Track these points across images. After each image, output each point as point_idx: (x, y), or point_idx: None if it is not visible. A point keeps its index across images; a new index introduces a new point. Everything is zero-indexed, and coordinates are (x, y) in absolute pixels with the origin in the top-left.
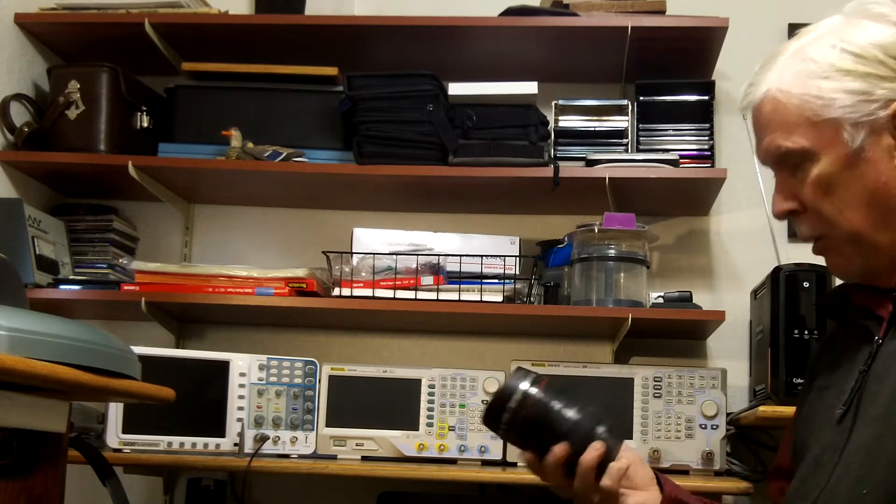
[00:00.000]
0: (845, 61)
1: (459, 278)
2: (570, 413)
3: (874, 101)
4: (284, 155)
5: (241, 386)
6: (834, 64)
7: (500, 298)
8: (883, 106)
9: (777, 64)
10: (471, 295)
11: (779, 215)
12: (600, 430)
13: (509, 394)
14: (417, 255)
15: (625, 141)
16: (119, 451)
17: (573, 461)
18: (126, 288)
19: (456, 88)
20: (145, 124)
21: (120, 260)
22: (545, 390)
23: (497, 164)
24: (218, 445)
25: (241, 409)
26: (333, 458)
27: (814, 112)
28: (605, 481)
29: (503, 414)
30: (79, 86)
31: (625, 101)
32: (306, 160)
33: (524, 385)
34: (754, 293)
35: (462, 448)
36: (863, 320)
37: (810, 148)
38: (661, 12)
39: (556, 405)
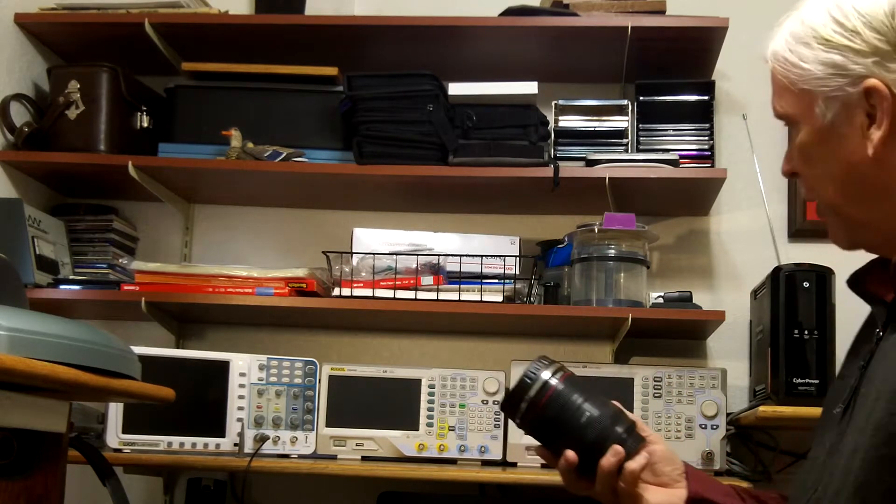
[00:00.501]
0: (827, 29)
1: (459, 278)
2: (589, 409)
3: (846, 76)
4: (284, 155)
5: (241, 386)
6: (816, 30)
7: (500, 298)
8: (854, 82)
9: (785, 21)
10: (471, 295)
11: (783, 174)
12: (619, 429)
13: (529, 383)
14: (417, 255)
15: (625, 141)
16: (119, 451)
17: (590, 460)
18: (126, 288)
19: (456, 88)
20: (145, 124)
21: (120, 260)
22: (566, 383)
23: (497, 164)
24: (218, 445)
25: (241, 409)
26: (333, 458)
27: (790, 81)
28: (620, 483)
29: (521, 403)
30: (79, 86)
31: (625, 101)
32: (306, 160)
33: (545, 374)
34: (754, 293)
35: (462, 448)
36: (874, 305)
37: (792, 115)
38: (661, 12)
39: (576, 399)
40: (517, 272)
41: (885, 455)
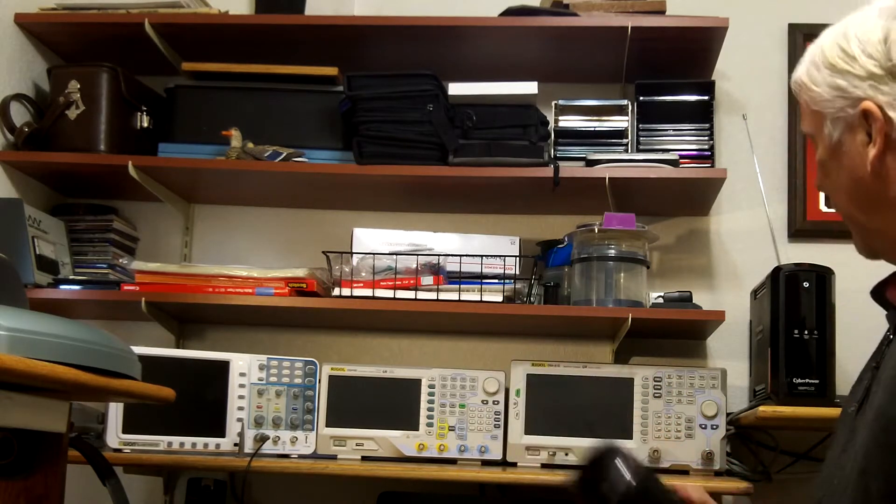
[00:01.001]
0: (832, 54)
1: (459, 278)
2: None
3: (847, 98)
4: (284, 155)
5: (241, 386)
6: (825, 55)
7: (500, 298)
8: (853, 104)
9: (812, 45)
10: (471, 295)
11: (816, 188)
12: None
13: (610, 483)
14: (417, 255)
15: (625, 141)
16: (119, 451)
17: None
18: (126, 288)
19: (456, 88)
20: (145, 124)
21: (120, 260)
22: (644, 483)
23: (497, 164)
24: (218, 445)
25: (241, 409)
26: (333, 458)
27: (806, 102)
28: None
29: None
30: (79, 86)
31: (625, 101)
32: (306, 160)
33: (627, 475)
34: (754, 293)
35: (462, 448)
36: (889, 311)
37: (811, 133)
38: (661, 12)
39: None
40: (517, 272)
41: (884, 442)
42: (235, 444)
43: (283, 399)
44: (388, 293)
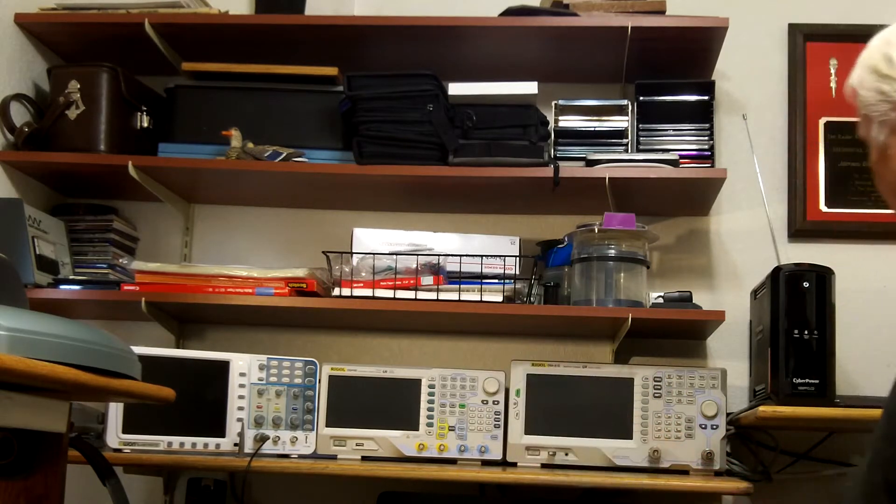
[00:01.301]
0: (876, 59)
1: (459, 278)
2: None
3: (889, 102)
4: (284, 155)
5: (241, 386)
6: (871, 61)
7: (500, 298)
8: (894, 107)
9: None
10: (471, 295)
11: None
12: None
13: None
14: (417, 255)
15: (625, 141)
16: (119, 451)
17: None
18: (126, 288)
19: (456, 88)
20: (145, 124)
21: (120, 260)
22: None
23: (497, 164)
24: (218, 445)
25: (241, 409)
26: (333, 458)
27: (858, 107)
28: None
29: None
30: (79, 86)
31: (625, 101)
32: (306, 160)
33: None
34: (754, 293)
35: (462, 448)
36: None
37: (865, 137)
38: (661, 12)
39: None
40: (517, 272)
41: (886, 433)
42: (235, 444)
43: (283, 399)
44: (388, 293)
